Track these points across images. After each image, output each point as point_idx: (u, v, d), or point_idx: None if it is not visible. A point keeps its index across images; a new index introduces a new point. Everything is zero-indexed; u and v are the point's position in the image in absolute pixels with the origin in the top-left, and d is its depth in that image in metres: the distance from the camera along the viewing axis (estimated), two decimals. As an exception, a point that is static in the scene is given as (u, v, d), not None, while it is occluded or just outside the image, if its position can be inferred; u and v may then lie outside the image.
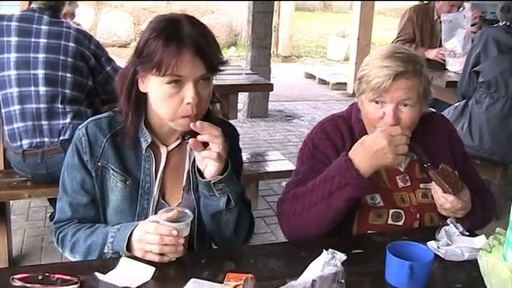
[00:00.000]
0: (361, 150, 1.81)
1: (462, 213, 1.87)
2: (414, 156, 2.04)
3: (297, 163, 2.10)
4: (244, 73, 4.49)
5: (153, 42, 1.64)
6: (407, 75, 1.85)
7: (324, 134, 2.05)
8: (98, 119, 1.83)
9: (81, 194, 1.81)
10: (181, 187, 1.85)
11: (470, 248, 1.73)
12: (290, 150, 5.55)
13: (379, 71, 1.86)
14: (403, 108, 1.88)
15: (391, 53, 1.89)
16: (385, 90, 1.85)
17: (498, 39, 4.14)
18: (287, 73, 9.70)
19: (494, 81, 4.13)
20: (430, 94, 1.97)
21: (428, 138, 2.07)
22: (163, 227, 1.58)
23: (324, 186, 1.84)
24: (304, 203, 1.88)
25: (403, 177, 2.03)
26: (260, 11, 6.57)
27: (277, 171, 3.94)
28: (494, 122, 4.14)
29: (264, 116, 6.87)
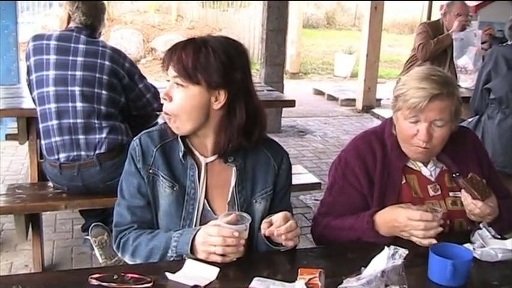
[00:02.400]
0: (384, 216, 2.00)
1: (490, 218, 2.02)
2: (444, 167, 2.20)
3: (329, 179, 2.28)
4: (265, 90, 4.64)
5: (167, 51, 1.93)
6: (442, 97, 2.00)
7: (356, 151, 2.21)
8: (150, 132, 2.01)
9: (138, 198, 1.97)
10: (226, 200, 1.98)
11: (503, 249, 1.88)
12: (305, 164, 5.68)
13: (415, 92, 2.01)
14: (436, 128, 2.04)
15: (428, 75, 2.04)
16: (421, 110, 2.01)
17: (508, 58, 4.29)
18: (296, 89, 9.84)
19: (505, 98, 4.27)
20: (461, 113, 2.14)
21: (457, 149, 2.21)
22: (225, 230, 1.72)
23: (348, 232, 2.06)
24: (334, 238, 2.11)
25: (433, 186, 2.17)
26: (274, 29, 6.73)
27: (297, 185, 4.05)
28: (506, 136, 4.28)
29: (278, 131, 7.01)
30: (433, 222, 1.89)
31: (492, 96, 4.34)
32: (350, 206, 2.14)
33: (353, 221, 2.07)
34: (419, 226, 1.90)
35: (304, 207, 4.67)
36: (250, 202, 2.00)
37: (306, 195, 4.77)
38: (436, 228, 1.89)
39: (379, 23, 8.30)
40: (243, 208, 1.97)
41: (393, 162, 2.16)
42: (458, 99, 2.08)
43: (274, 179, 2.04)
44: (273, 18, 6.71)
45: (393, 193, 2.13)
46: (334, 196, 2.22)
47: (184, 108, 1.87)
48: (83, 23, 3.41)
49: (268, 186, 1.99)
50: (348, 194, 2.17)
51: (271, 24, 6.73)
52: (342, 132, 7.13)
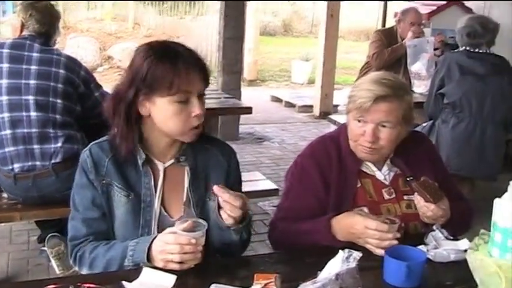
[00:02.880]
0: (342, 221, 2.03)
1: (442, 220, 2.07)
2: (398, 171, 2.24)
3: (286, 183, 2.32)
4: (222, 97, 4.65)
5: (159, 66, 1.82)
6: (388, 99, 2.06)
7: (311, 155, 2.26)
8: (99, 142, 1.99)
9: (93, 210, 1.95)
10: (181, 201, 1.99)
11: (456, 250, 1.93)
12: (263, 171, 5.68)
13: (363, 93, 2.07)
14: (382, 129, 2.09)
15: (379, 79, 2.11)
16: (366, 111, 2.06)
17: (460, 63, 4.39)
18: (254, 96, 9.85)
19: (459, 102, 4.37)
20: (412, 118, 2.19)
21: (411, 153, 2.26)
22: (182, 237, 1.72)
23: (306, 236, 2.07)
24: (291, 243, 2.12)
25: (388, 190, 2.22)
26: (230, 37, 6.73)
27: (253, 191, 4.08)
28: (460, 140, 4.38)
29: (235, 139, 7.00)
30: (388, 234, 1.92)
31: (446, 101, 4.43)
32: (307, 210, 2.16)
33: (310, 225, 2.09)
34: (374, 235, 1.93)
35: (263, 213, 4.68)
36: (205, 201, 2.00)
37: (264, 201, 4.78)
38: (390, 240, 1.92)
39: (335, 30, 8.37)
40: (198, 207, 1.98)
41: (348, 166, 2.20)
42: (408, 104, 2.13)
43: (225, 175, 2.06)
44: (230, 27, 6.72)
45: (349, 197, 2.16)
46: (291, 201, 2.25)
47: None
48: (36, 31, 3.37)
49: (220, 183, 1.97)
50: (305, 199, 2.19)
51: (228, 32, 6.73)
52: (299, 139, 7.16)
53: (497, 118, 4.43)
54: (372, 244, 1.94)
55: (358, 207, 2.15)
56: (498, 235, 1.62)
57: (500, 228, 1.62)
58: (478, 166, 4.41)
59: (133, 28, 14.50)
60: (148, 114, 1.89)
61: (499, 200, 1.66)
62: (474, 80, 4.34)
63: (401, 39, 5.58)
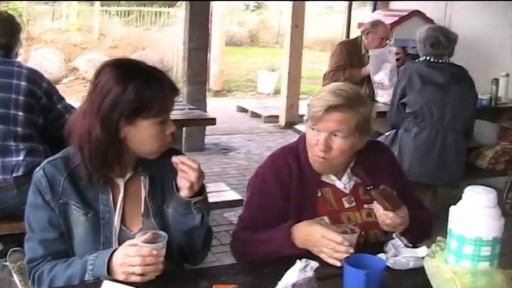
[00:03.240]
0: (301, 228, 2.06)
1: (401, 228, 2.10)
2: (358, 180, 2.27)
3: (247, 194, 2.33)
4: (186, 108, 4.65)
5: (146, 90, 1.82)
6: (340, 109, 2.09)
7: (271, 166, 2.28)
8: (53, 160, 1.95)
9: (50, 230, 1.91)
10: (140, 213, 1.98)
11: (415, 257, 1.96)
12: (229, 182, 5.70)
13: (317, 102, 2.11)
14: (335, 138, 2.12)
15: (336, 89, 2.15)
16: (319, 119, 2.10)
17: (421, 73, 4.46)
18: (220, 107, 9.87)
19: (420, 112, 4.43)
20: (368, 130, 2.20)
21: (371, 163, 2.29)
22: (143, 249, 1.72)
23: (267, 245, 2.09)
24: (253, 252, 2.13)
25: (348, 198, 2.25)
26: (195, 48, 6.74)
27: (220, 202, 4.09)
28: (422, 149, 4.44)
29: (201, 149, 7.00)
30: (342, 246, 1.93)
31: (408, 111, 4.49)
32: (267, 220, 2.17)
33: (271, 233, 2.11)
34: (328, 245, 1.95)
35: (229, 224, 4.68)
36: (163, 209, 2.00)
37: (230, 212, 4.79)
38: (341, 252, 1.93)
39: (300, 41, 8.44)
40: (156, 216, 1.98)
41: (308, 176, 2.22)
42: (363, 115, 2.14)
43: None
44: (195, 37, 6.73)
45: (309, 206, 2.18)
46: (252, 211, 2.26)
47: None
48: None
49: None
50: (266, 209, 2.21)
51: (193, 43, 6.74)
52: (265, 149, 7.18)
53: (458, 126, 4.50)
54: (326, 253, 1.96)
55: (319, 216, 2.17)
56: (453, 242, 1.66)
57: (455, 235, 1.66)
58: (439, 174, 4.48)
59: (99, 39, 14.40)
60: (125, 136, 1.87)
61: (454, 208, 1.70)
62: (435, 89, 4.41)
63: (366, 50, 5.64)
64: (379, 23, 5.76)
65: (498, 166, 5.04)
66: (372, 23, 5.76)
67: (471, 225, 1.62)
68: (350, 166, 2.27)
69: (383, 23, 5.82)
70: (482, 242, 1.62)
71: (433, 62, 4.50)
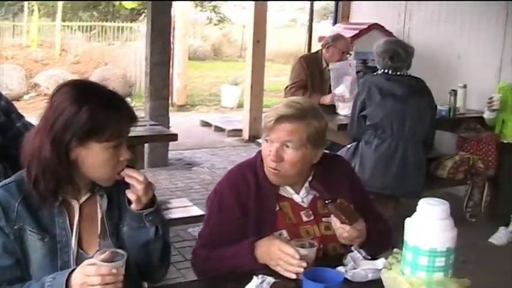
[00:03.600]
0: (262, 243, 2.07)
1: (358, 241, 2.13)
2: (317, 194, 2.29)
3: (207, 211, 2.34)
4: (148, 124, 4.64)
5: (101, 113, 1.80)
6: (291, 120, 2.13)
7: (229, 183, 2.29)
8: (5, 185, 1.89)
9: (5, 257, 1.85)
10: (96, 235, 1.95)
11: (373, 269, 1.98)
12: (193, 197, 5.69)
13: (271, 113, 2.16)
14: (286, 149, 2.15)
15: (289, 102, 2.21)
16: (271, 129, 2.14)
17: (380, 86, 4.51)
18: (183, 122, 9.86)
19: (381, 124, 4.48)
20: (321, 143, 2.23)
21: (329, 177, 2.32)
22: (103, 268, 1.70)
23: (229, 261, 2.09)
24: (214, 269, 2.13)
25: (306, 212, 2.27)
26: (157, 63, 6.72)
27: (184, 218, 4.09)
28: (383, 160, 4.48)
29: (165, 164, 6.98)
30: (294, 260, 1.94)
31: (368, 123, 4.53)
32: (227, 237, 2.18)
33: (234, 249, 2.11)
34: (283, 258, 1.96)
35: (193, 239, 4.65)
36: (119, 228, 1.98)
37: (194, 227, 4.77)
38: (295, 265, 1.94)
39: (261, 55, 8.48)
40: (113, 236, 1.96)
41: (266, 191, 2.23)
42: (316, 128, 2.17)
43: None
44: (156, 52, 6.71)
45: (268, 221, 2.20)
46: (211, 228, 2.26)
47: None
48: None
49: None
50: (225, 226, 2.21)
51: (155, 58, 6.72)
52: (229, 163, 7.16)
53: (418, 137, 4.56)
54: (281, 266, 1.97)
55: (278, 230, 2.19)
56: (409, 254, 1.69)
57: (410, 246, 1.69)
58: (401, 185, 4.52)
59: (61, 55, 14.30)
60: (76, 158, 1.84)
61: (409, 219, 1.73)
62: (394, 101, 4.46)
63: (327, 64, 5.69)
64: (340, 36, 5.82)
65: (458, 175, 5.12)
66: (332, 36, 5.81)
67: (425, 237, 1.66)
68: (308, 180, 2.30)
69: (343, 36, 5.88)
70: (437, 253, 1.65)
71: (392, 74, 4.56)
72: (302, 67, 5.64)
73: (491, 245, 4.93)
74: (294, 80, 5.62)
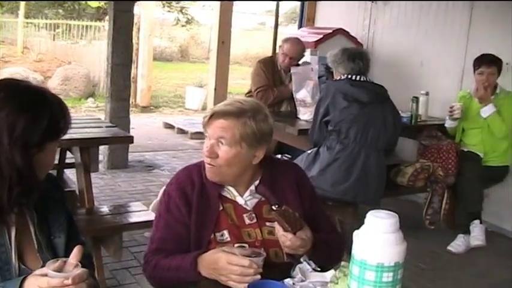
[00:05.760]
0: (206, 258, 2.03)
1: (302, 250, 2.09)
2: (262, 198, 2.26)
3: (156, 213, 2.32)
4: (104, 126, 4.54)
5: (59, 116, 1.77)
6: (226, 117, 2.13)
7: (177, 184, 2.26)
8: None
9: None
10: (35, 250, 1.86)
11: (322, 282, 1.93)
12: (151, 200, 5.55)
13: (209, 110, 2.19)
14: (221, 146, 2.14)
15: (230, 101, 2.24)
16: (207, 125, 2.17)
17: (344, 92, 4.47)
18: (146, 123, 9.76)
19: (344, 129, 4.43)
20: (258, 143, 2.19)
21: (278, 182, 2.30)
22: (55, 280, 1.60)
23: (175, 273, 2.09)
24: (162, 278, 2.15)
25: (249, 215, 2.24)
26: (119, 63, 6.61)
27: (140, 222, 4.01)
28: (345, 166, 4.44)
29: (124, 167, 6.86)
30: (250, 269, 1.90)
31: (331, 128, 4.50)
32: (177, 238, 2.17)
33: (180, 261, 2.08)
34: (236, 271, 1.91)
35: (149, 244, 4.57)
36: (51, 240, 1.90)
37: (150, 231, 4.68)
38: (251, 275, 1.90)
39: (226, 57, 8.39)
40: (48, 249, 1.86)
41: (209, 191, 2.22)
42: (253, 129, 2.15)
43: (63, 207, 1.98)
44: (118, 52, 6.60)
45: (210, 220, 2.18)
46: (161, 231, 2.23)
47: None
48: None
49: (61, 217, 1.92)
50: (174, 228, 2.19)
51: (117, 58, 6.61)
52: (189, 166, 7.11)
53: (380, 145, 4.54)
54: (234, 280, 1.92)
55: (220, 230, 2.17)
56: (356, 268, 1.63)
57: (357, 261, 1.63)
58: (362, 191, 4.49)
59: (23, 52, 14.06)
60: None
61: (357, 232, 1.67)
62: (358, 107, 4.43)
63: (280, 67, 5.65)
64: (288, 40, 5.75)
65: (418, 183, 5.10)
66: (283, 39, 5.79)
67: (373, 251, 1.60)
68: (254, 184, 2.27)
69: (291, 40, 5.76)
70: (384, 268, 1.59)
71: (356, 80, 4.54)
72: (263, 70, 5.61)
73: (449, 253, 4.94)
74: (260, 84, 5.57)
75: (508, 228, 5.49)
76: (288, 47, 5.60)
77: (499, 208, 5.49)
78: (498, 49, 5.26)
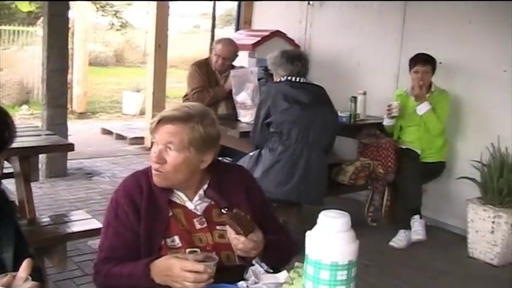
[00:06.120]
0: (159, 264, 2.01)
1: (255, 253, 2.10)
2: (212, 202, 2.26)
3: (104, 221, 2.27)
4: (43, 134, 4.43)
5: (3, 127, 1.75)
6: (173, 122, 2.12)
7: (125, 190, 2.24)
8: None
9: None
10: None
11: (275, 283, 1.95)
12: (93, 208, 5.51)
13: (156, 115, 2.16)
14: (169, 151, 2.13)
15: (177, 106, 2.22)
16: (154, 131, 2.15)
17: (285, 93, 4.51)
18: (83, 130, 9.59)
19: (286, 131, 4.47)
20: (206, 148, 2.20)
21: (227, 186, 2.30)
22: None
23: (128, 280, 2.06)
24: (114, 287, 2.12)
25: (199, 219, 2.23)
26: (55, 69, 6.47)
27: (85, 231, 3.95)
28: (288, 167, 4.48)
29: (64, 175, 6.72)
30: (204, 275, 1.89)
31: (272, 130, 4.53)
32: (127, 246, 2.14)
33: (131, 269, 2.06)
34: (190, 278, 1.90)
35: (93, 252, 4.47)
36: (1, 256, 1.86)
37: (94, 240, 4.60)
38: (206, 280, 1.90)
39: (163, 61, 8.36)
40: None
41: (158, 197, 2.20)
42: (201, 133, 2.15)
43: (12, 220, 1.95)
44: (54, 58, 6.46)
45: (160, 226, 2.16)
46: (111, 239, 2.19)
47: None
48: None
49: (10, 231, 1.89)
50: (123, 235, 2.16)
51: (52, 64, 6.46)
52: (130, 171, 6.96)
53: (322, 145, 4.61)
54: (189, 287, 1.90)
55: (171, 236, 2.15)
56: (310, 268, 1.65)
57: (311, 261, 1.65)
58: (305, 191, 4.54)
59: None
60: None
61: (310, 233, 1.69)
62: (299, 108, 4.47)
63: (215, 68, 5.66)
64: (220, 41, 5.75)
65: (359, 181, 5.20)
66: (216, 40, 5.80)
67: (327, 251, 1.62)
68: (203, 188, 2.27)
69: (226, 41, 5.76)
70: (338, 267, 1.62)
71: (296, 82, 4.58)
72: (197, 72, 5.59)
73: (392, 249, 5.04)
74: (196, 85, 5.55)
75: (446, 221, 5.64)
76: (220, 47, 5.60)
77: (437, 203, 5.64)
78: (431, 49, 5.40)
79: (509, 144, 5.03)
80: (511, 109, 5.10)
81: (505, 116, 5.15)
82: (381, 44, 6.32)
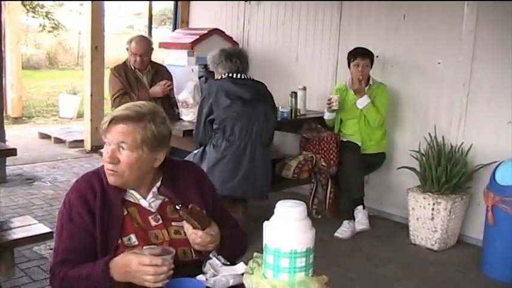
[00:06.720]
0: (118, 262, 2.01)
1: (212, 246, 2.14)
2: (166, 199, 2.28)
3: (58, 224, 2.24)
4: (-18, 140, 4.35)
5: None
6: (125, 122, 2.13)
7: (77, 192, 2.22)
8: None
9: None
10: None
11: (234, 275, 1.98)
12: (36, 213, 5.42)
13: (108, 115, 2.17)
14: (122, 151, 2.14)
15: (128, 105, 2.22)
16: (107, 131, 2.14)
17: (227, 90, 4.56)
18: (20, 135, 9.37)
19: (229, 127, 4.52)
20: (159, 146, 2.20)
21: (179, 182, 2.32)
22: None
23: (87, 282, 2.04)
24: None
25: (154, 216, 2.24)
26: (-12, 74, 6.34)
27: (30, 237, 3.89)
28: (232, 163, 4.53)
29: (3, 181, 6.56)
30: (163, 267, 1.91)
31: (215, 127, 4.56)
32: (83, 248, 2.13)
33: (90, 269, 2.05)
34: (149, 272, 1.91)
35: (40, 258, 4.42)
36: None
37: (40, 245, 4.53)
38: (166, 272, 1.92)
39: (100, 62, 8.24)
40: None
41: (112, 196, 2.20)
42: (153, 132, 2.16)
43: None
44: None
45: (115, 226, 2.16)
46: (66, 242, 2.17)
47: None
48: None
49: None
50: (78, 237, 2.14)
51: (-15, 68, 6.33)
52: (72, 175, 6.90)
53: (264, 139, 4.68)
54: (149, 281, 1.92)
55: (127, 235, 2.16)
56: (270, 257, 1.70)
57: (271, 250, 1.69)
58: (250, 187, 4.60)
59: None
60: None
61: (268, 223, 1.73)
62: (241, 104, 4.53)
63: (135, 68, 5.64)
64: (133, 39, 5.68)
65: (302, 175, 5.29)
66: (128, 40, 5.73)
67: (285, 240, 1.67)
68: (156, 185, 2.28)
69: (138, 38, 5.71)
70: (297, 254, 1.67)
71: (237, 78, 4.63)
72: (116, 77, 5.56)
73: (337, 239, 5.14)
74: (116, 90, 5.51)
75: (388, 211, 5.79)
76: (134, 45, 5.57)
77: (378, 193, 5.79)
78: (368, 43, 5.54)
79: (446, 133, 5.21)
80: (447, 99, 5.27)
81: (441, 106, 5.33)
82: (319, 39, 6.41)
